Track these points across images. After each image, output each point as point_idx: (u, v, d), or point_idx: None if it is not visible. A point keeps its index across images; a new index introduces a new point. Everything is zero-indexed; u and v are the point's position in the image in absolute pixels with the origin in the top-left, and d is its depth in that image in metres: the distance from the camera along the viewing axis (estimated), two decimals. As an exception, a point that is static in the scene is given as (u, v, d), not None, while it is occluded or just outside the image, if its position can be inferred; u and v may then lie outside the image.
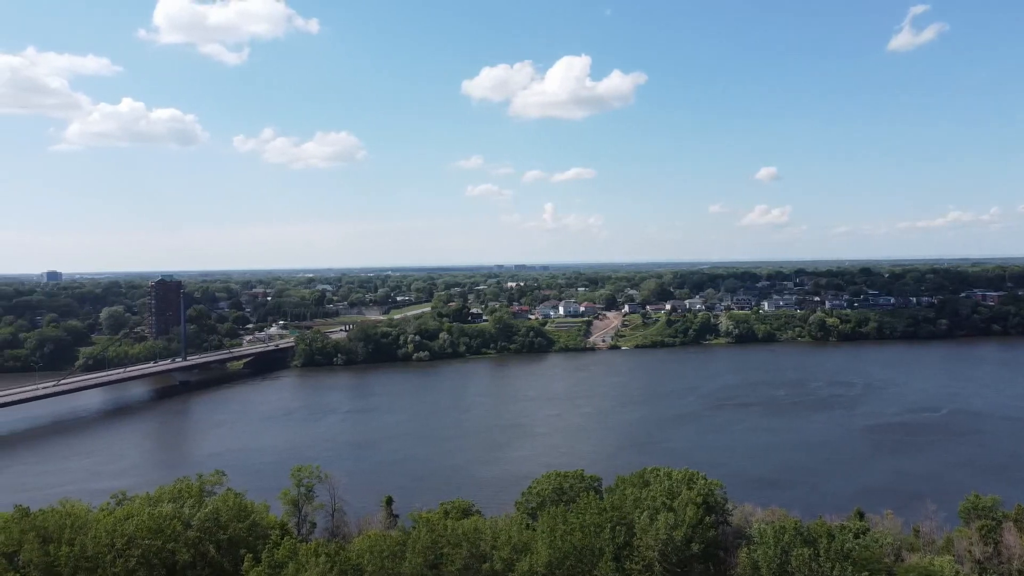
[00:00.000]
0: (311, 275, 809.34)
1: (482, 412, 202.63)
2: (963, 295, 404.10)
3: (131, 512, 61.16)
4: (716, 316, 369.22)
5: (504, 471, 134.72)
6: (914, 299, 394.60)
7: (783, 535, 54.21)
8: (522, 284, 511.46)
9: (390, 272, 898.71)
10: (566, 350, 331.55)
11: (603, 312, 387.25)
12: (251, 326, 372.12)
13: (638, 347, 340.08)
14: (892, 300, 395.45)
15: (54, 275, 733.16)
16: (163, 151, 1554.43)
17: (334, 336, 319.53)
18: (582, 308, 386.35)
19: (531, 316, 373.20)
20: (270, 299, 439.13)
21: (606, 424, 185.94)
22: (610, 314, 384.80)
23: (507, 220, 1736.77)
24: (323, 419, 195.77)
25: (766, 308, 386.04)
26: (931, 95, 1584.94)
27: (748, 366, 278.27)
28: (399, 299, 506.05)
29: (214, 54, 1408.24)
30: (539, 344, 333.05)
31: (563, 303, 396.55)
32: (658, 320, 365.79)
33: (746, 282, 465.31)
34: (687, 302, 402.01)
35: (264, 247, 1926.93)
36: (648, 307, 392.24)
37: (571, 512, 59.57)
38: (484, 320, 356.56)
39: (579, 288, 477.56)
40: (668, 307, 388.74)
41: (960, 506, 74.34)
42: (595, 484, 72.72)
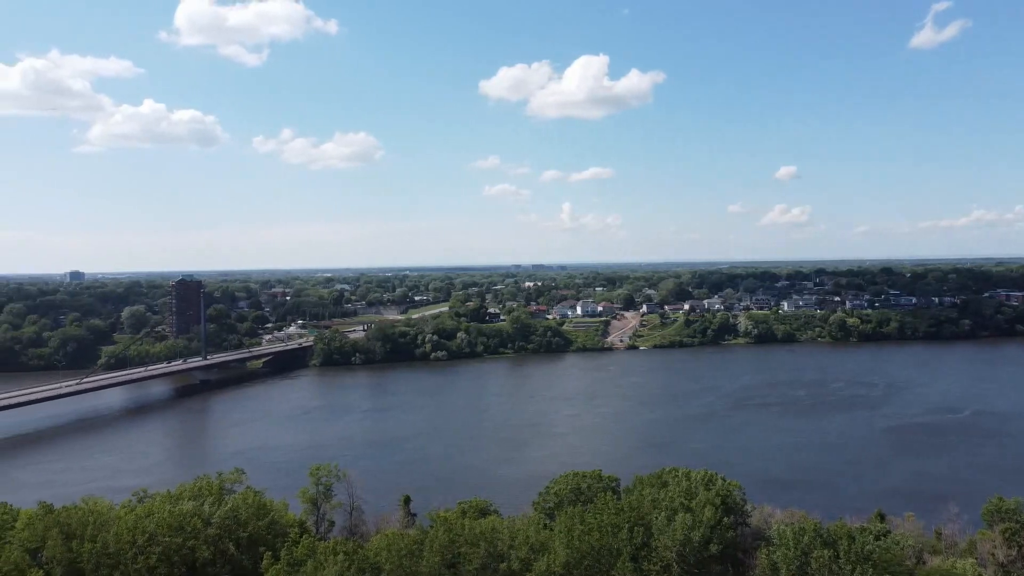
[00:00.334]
0: (329, 275, 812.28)
1: (500, 412, 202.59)
2: (986, 295, 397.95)
3: (152, 509, 61.83)
4: (735, 316, 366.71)
5: (522, 471, 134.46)
6: (936, 299, 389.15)
7: (803, 537, 53.64)
8: (539, 284, 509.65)
9: (408, 272, 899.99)
10: (584, 350, 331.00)
11: (621, 312, 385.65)
12: (270, 325, 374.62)
13: (656, 347, 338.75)
14: (914, 300, 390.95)
15: (77, 275, 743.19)
16: (184, 152, 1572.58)
17: (352, 335, 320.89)
18: (600, 308, 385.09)
19: (548, 316, 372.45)
20: (289, 299, 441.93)
21: (624, 424, 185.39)
22: (628, 314, 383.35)
23: (524, 220, 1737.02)
24: (341, 418, 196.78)
25: (785, 308, 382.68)
26: (954, 92, 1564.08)
27: (767, 366, 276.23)
28: (417, 299, 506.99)
29: (234, 55, 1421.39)
30: (557, 344, 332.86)
31: (581, 303, 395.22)
32: (676, 320, 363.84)
33: (765, 282, 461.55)
34: (705, 302, 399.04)
35: (283, 247, 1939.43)
36: (666, 307, 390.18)
37: (589, 512, 59.32)
38: (502, 320, 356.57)
39: (597, 288, 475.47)
40: (686, 307, 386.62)
41: (983, 509, 72.96)
42: (613, 484, 72.36)
